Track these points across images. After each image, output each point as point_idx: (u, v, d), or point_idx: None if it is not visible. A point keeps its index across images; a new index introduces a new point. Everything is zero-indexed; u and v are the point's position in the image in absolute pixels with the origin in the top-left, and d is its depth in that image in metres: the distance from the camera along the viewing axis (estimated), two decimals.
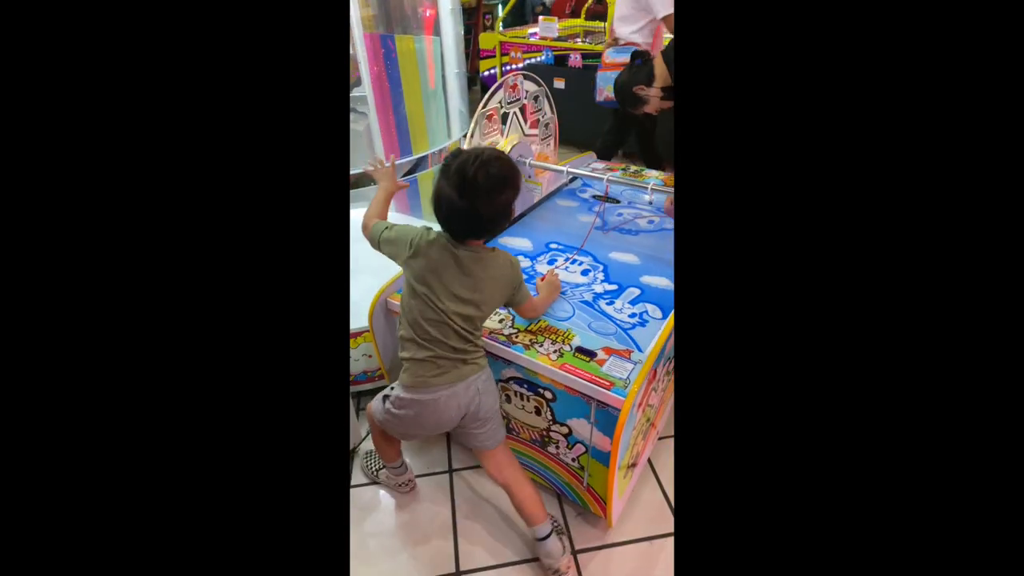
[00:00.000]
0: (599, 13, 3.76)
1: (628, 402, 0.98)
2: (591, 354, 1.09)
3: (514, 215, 1.58)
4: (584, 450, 1.13)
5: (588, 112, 2.50)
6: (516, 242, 1.56)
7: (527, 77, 1.75)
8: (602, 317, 1.23)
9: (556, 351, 1.11)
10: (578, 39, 3.32)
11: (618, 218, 1.71)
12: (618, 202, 1.81)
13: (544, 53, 3.30)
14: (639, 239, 1.59)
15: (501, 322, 1.20)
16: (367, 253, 1.14)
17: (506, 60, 3.49)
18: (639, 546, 1.21)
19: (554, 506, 1.29)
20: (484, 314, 1.03)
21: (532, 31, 3.52)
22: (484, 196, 0.93)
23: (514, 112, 1.71)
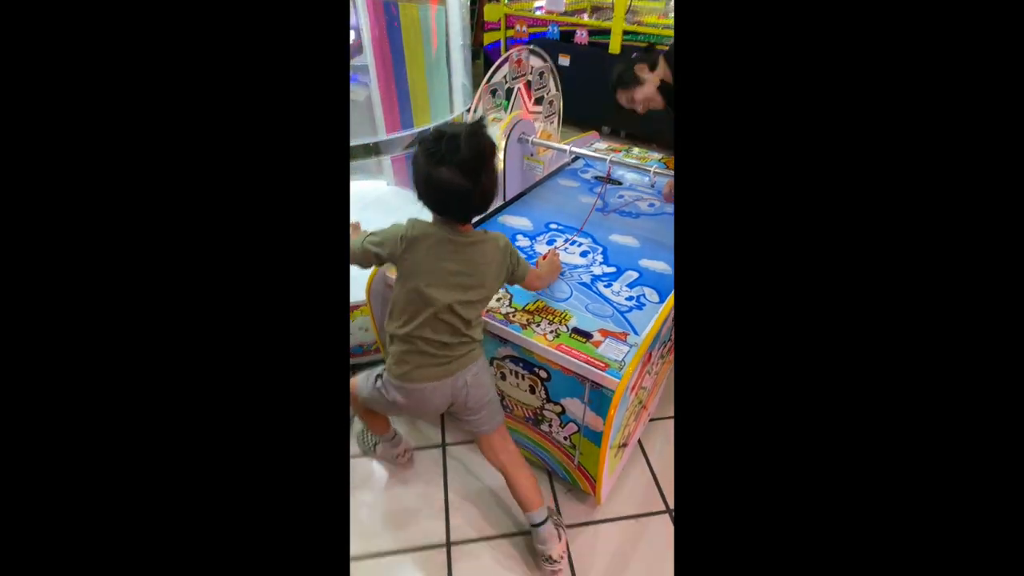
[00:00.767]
0: None
1: (622, 384, 0.99)
2: (587, 335, 1.10)
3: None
4: (576, 429, 1.15)
5: (593, 90, 2.46)
6: (516, 221, 1.55)
7: (533, 52, 1.72)
8: (600, 299, 1.23)
9: (553, 331, 1.11)
10: (584, 15, 3.25)
11: (619, 200, 1.71)
12: (620, 184, 1.80)
13: (550, 28, 3.23)
14: (639, 222, 1.58)
15: (499, 300, 1.20)
16: (365, 226, 1.13)
17: (511, 33, 3.42)
18: (626, 523, 1.25)
19: (544, 482, 1.32)
20: (483, 298, 1.02)
21: (538, 5, 3.44)
22: (483, 167, 0.92)
23: (518, 88, 1.68)
